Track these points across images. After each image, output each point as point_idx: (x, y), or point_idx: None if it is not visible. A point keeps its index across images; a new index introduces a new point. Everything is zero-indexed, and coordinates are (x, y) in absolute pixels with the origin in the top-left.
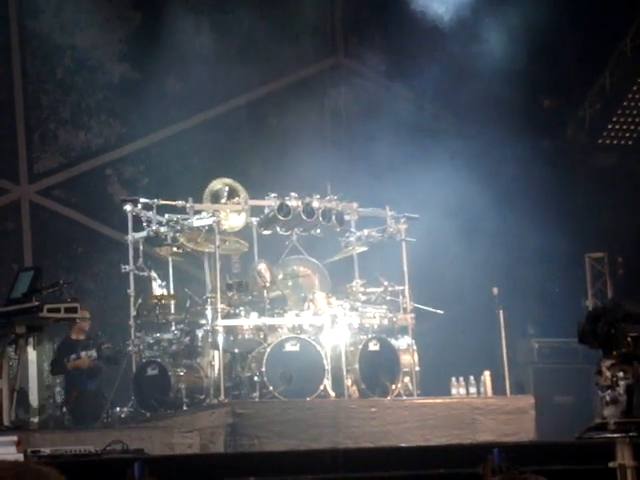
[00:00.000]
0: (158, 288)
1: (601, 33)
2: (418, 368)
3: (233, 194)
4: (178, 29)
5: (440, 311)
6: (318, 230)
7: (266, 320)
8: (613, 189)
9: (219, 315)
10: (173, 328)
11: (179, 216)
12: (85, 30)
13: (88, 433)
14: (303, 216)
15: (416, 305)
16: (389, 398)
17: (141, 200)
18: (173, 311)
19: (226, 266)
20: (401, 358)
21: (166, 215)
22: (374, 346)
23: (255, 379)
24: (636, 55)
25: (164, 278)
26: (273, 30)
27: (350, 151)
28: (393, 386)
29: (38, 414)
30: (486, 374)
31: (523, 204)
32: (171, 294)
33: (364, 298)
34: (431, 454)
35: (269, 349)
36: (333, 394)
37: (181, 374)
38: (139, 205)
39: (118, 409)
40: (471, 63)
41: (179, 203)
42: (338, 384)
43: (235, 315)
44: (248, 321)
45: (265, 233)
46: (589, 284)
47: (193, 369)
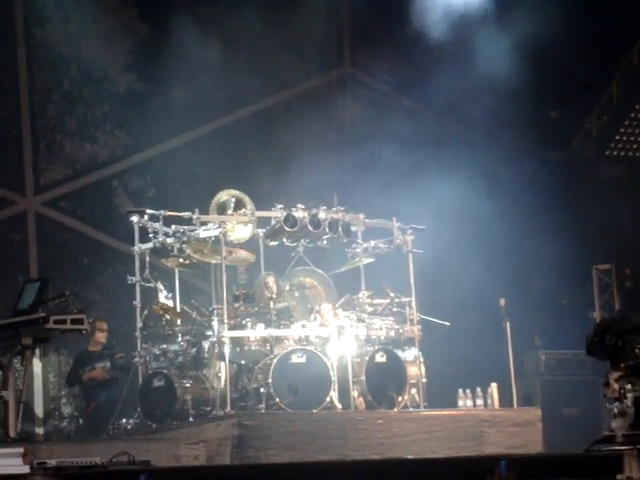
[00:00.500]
0: (164, 299)
1: (608, 44)
2: (425, 380)
3: (240, 205)
4: (184, 40)
5: (447, 323)
6: (325, 241)
7: (272, 331)
8: (621, 200)
9: (225, 326)
10: (179, 339)
11: (185, 227)
12: (91, 41)
13: (94, 445)
14: (310, 227)
15: (423, 317)
16: (396, 410)
17: (148, 211)
18: (179, 322)
19: (232, 277)
20: (408, 370)
21: (172, 226)
22: (381, 358)
23: (261, 390)
24: None
25: (170, 289)
26: (280, 41)
27: (357, 162)
28: (400, 398)
29: (43, 425)
30: (493, 386)
31: (530, 216)
32: (177, 311)
33: (371, 309)
34: (438, 466)
35: (275, 360)
36: (339, 406)
37: (187, 385)
38: (145, 216)
39: (124, 420)
40: (478, 74)
41: (185, 214)
42: (344, 396)
43: (241, 326)
44: (254, 332)
45: (272, 244)
46: (596, 296)
47: (199, 380)
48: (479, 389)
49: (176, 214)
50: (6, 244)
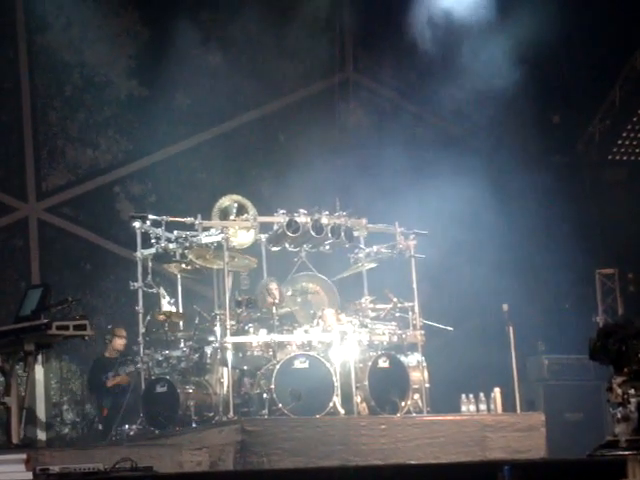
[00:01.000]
0: (167, 305)
1: (611, 49)
2: (428, 385)
3: (242, 211)
4: (186, 45)
5: (450, 328)
6: (327, 246)
7: (275, 337)
8: (623, 204)
9: (228, 332)
10: (182, 345)
11: (188, 233)
12: (93, 46)
13: (97, 451)
14: (312, 232)
15: (425, 322)
16: (399, 415)
17: (150, 217)
18: (182, 328)
19: (235, 283)
20: (411, 375)
21: (175, 232)
22: (384, 363)
23: (264, 396)
24: None
25: (173, 295)
26: (282, 46)
27: (359, 167)
28: (403, 403)
29: (46, 431)
30: (496, 391)
31: (533, 220)
32: (180, 313)
33: (373, 315)
34: (441, 471)
35: (278, 366)
36: (342, 411)
37: (190, 391)
38: (148, 222)
39: (127, 426)
40: (480, 79)
41: (188, 220)
42: (347, 401)
43: (244, 332)
44: (257, 338)
45: (274, 249)
46: (599, 300)
47: (202, 386)
48: (482, 394)
49: (178, 219)
50: (8, 250)
